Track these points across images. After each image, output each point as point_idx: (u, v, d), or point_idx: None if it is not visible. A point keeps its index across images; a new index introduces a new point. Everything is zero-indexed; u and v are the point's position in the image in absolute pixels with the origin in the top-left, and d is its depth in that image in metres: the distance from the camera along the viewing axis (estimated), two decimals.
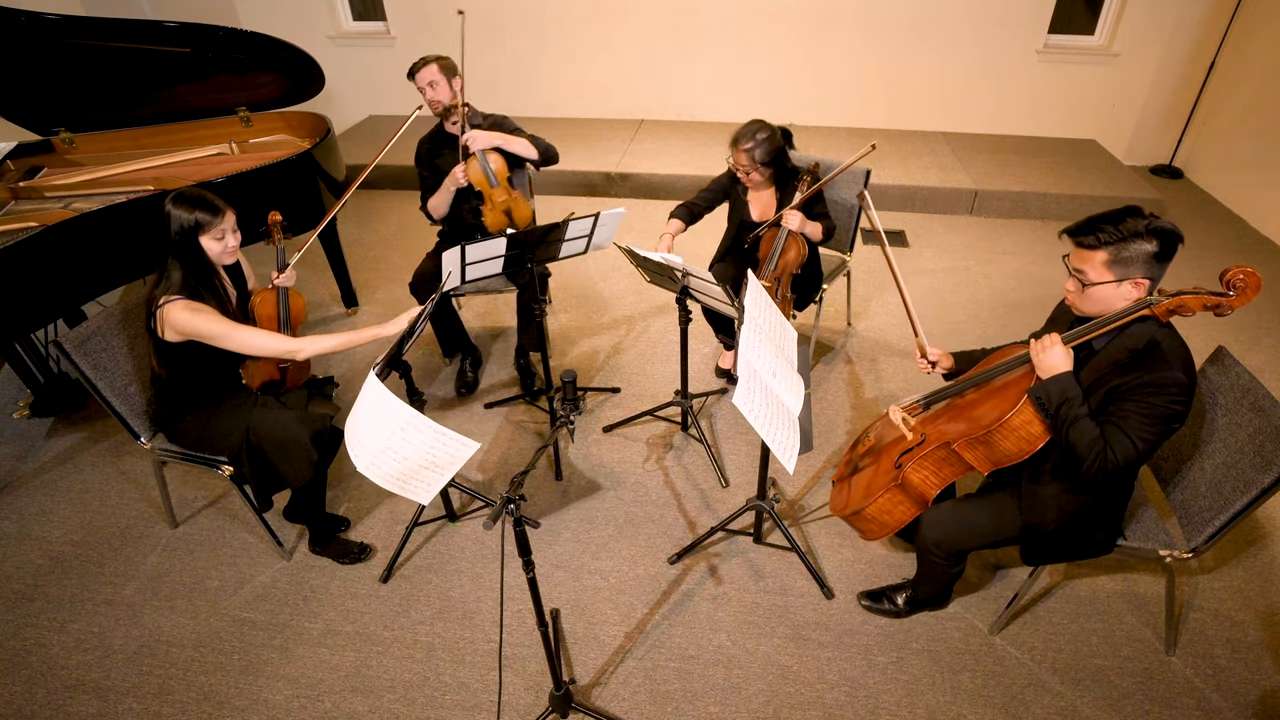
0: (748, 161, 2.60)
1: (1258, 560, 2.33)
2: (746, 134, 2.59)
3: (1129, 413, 1.55)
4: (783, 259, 2.69)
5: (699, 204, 2.89)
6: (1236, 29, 4.77)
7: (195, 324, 1.99)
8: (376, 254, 4.34)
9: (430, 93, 2.79)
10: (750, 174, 2.65)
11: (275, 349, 2.06)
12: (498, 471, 2.74)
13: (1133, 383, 1.54)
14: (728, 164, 2.73)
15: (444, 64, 2.80)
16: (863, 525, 1.99)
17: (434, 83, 2.78)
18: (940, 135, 5.52)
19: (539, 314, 2.60)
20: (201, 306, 2.01)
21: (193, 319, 1.98)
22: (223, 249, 2.08)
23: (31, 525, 2.55)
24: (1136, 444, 1.54)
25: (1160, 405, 1.52)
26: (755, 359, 1.80)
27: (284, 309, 2.36)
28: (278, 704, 1.97)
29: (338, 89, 5.89)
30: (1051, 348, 1.63)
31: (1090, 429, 1.57)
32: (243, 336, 2.04)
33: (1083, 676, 2.00)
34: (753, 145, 2.57)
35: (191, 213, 1.99)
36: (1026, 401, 1.64)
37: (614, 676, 2.02)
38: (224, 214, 2.05)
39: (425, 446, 1.55)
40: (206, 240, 2.03)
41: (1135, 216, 1.53)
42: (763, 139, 2.57)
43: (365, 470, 1.57)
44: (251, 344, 2.04)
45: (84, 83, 3.19)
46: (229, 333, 2.02)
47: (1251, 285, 1.48)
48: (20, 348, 2.86)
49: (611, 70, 5.71)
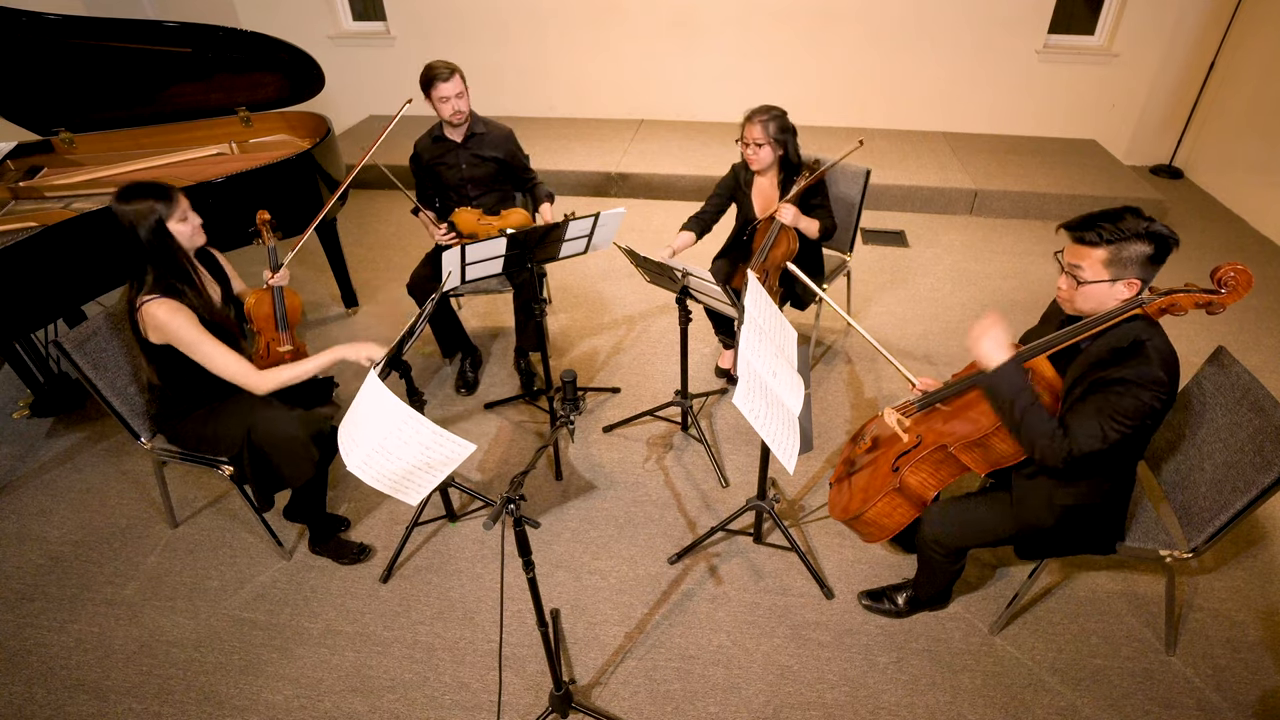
0: (760, 134, 2.60)
1: (1258, 560, 2.33)
2: (760, 109, 2.62)
3: (1103, 403, 1.54)
4: (772, 252, 2.69)
5: (708, 212, 2.90)
6: (1236, 29, 4.77)
7: (172, 327, 1.94)
8: (376, 254, 4.35)
9: (456, 103, 2.77)
10: (761, 148, 2.64)
11: (235, 374, 2.00)
12: (498, 471, 2.74)
13: (1112, 375, 1.54)
14: (737, 146, 2.73)
15: (462, 74, 2.79)
16: (862, 529, 1.99)
17: (461, 93, 2.77)
18: (940, 135, 5.52)
19: (539, 314, 2.60)
20: (180, 307, 1.96)
21: (170, 320, 1.94)
22: (191, 230, 2.02)
23: (31, 525, 2.55)
24: (1106, 433, 1.53)
25: (1135, 400, 1.51)
26: (755, 359, 1.80)
27: (280, 308, 2.36)
28: (278, 704, 1.97)
29: (338, 89, 5.88)
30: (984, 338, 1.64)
31: (1044, 421, 1.57)
32: (208, 350, 1.98)
33: (1083, 676, 2.00)
34: (767, 118, 2.60)
35: (152, 203, 1.93)
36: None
37: (614, 676, 2.02)
38: (177, 195, 1.99)
39: (421, 446, 1.54)
40: (174, 225, 1.97)
41: (1135, 216, 1.53)
42: (776, 114, 2.61)
43: (356, 470, 1.54)
44: (216, 362, 1.99)
45: (84, 83, 3.18)
46: (199, 344, 1.97)
47: (1242, 282, 1.47)
48: (20, 348, 2.86)
49: (612, 70, 5.71)
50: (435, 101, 2.77)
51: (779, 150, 2.67)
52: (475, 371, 3.19)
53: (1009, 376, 1.61)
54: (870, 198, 3.89)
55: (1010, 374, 1.61)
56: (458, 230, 2.85)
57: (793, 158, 2.71)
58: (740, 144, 2.69)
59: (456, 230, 2.85)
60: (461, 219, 2.85)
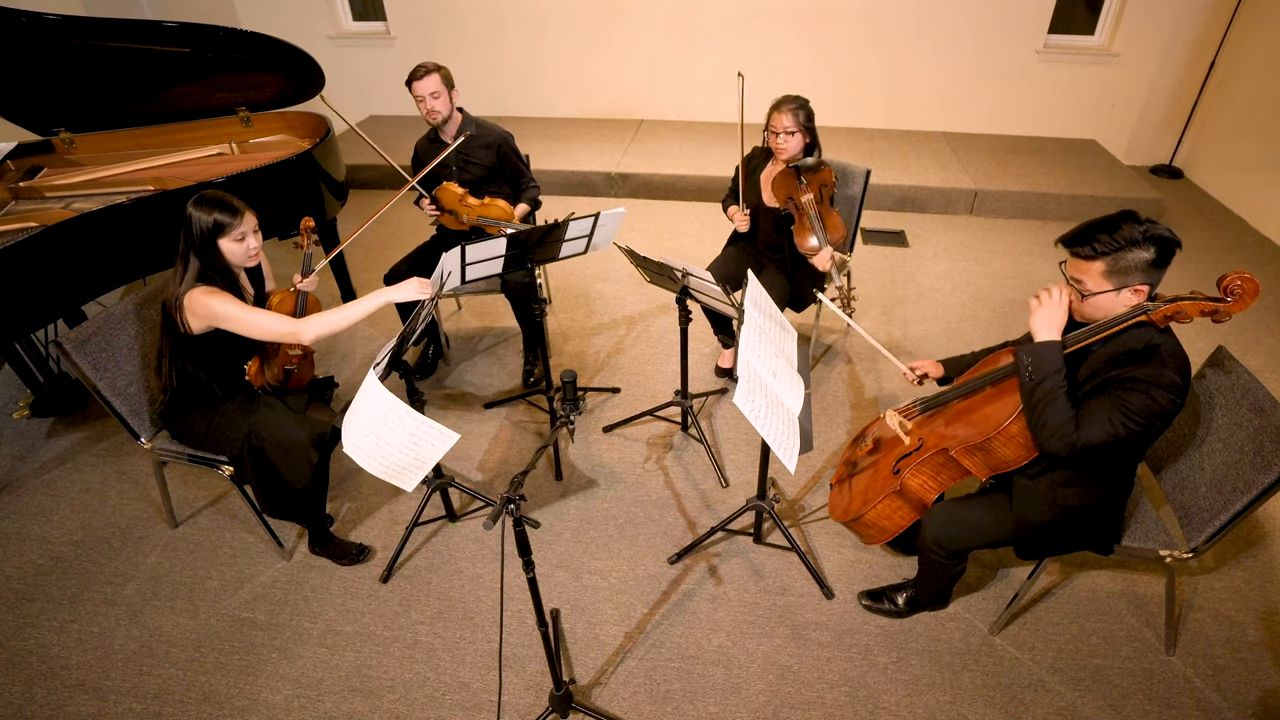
0: (791, 121, 2.62)
1: (1258, 560, 2.33)
2: (787, 98, 2.64)
3: (1115, 398, 1.53)
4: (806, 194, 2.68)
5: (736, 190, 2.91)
6: (1236, 29, 4.77)
7: (215, 305, 2.00)
8: (376, 254, 4.35)
9: (431, 102, 2.79)
10: (793, 136, 2.64)
11: (280, 331, 2.06)
12: (498, 471, 2.74)
13: (1126, 375, 1.53)
14: (764, 137, 2.74)
15: (445, 75, 2.81)
16: (862, 530, 1.99)
17: (436, 93, 2.78)
18: (940, 135, 5.52)
19: (539, 314, 2.60)
20: (216, 289, 2.02)
21: (212, 300, 2.00)
22: (244, 251, 2.07)
23: (31, 525, 2.55)
24: (1115, 428, 1.52)
25: (1149, 399, 1.50)
26: (755, 359, 1.80)
27: (301, 313, 2.37)
28: (278, 704, 1.97)
29: (338, 89, 5.87)
30: (1054, 308, 1.61)
31: (1064, 411, 1.56)
32: (251, 317, 2.04)
33: (1083, 676, 2.00)
34: (795, 106, 2.62)
35: (210, 214, 1.99)
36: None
37: (614, 676, 2.02)
38: (243, 215, 2.04)
39: (406, 434, 1.62)
40: (226, 243, 2.03)
41: (1131, 222, 1.50)
42: (803, 101, 2.64)
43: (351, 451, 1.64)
44: (261, 324, 2.04)
45: (84, 83, 3.18)
46: (242, 315, 2.03)
47: (1249, 291, 1.47)
48: (20, 348, 2.86)
49: (611, 70, 5.71)
50: (415, 100, 2.82)
51: (807, 138, 2.68)
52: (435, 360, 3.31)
53: (1049, 354, 1.59)
54: (870, 198, 3.89)
55: (1052, 352, 1.59)
56: (439, 204, 2.90)
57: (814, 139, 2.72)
58: (769, 134, 2.70)
59: (438, 204, 2.90)
60: (445, 194, 2.89)
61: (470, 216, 2.86)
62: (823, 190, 2.71)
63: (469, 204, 2.87)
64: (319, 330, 2.07)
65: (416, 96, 2.79)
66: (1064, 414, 1.56)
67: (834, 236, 2.67)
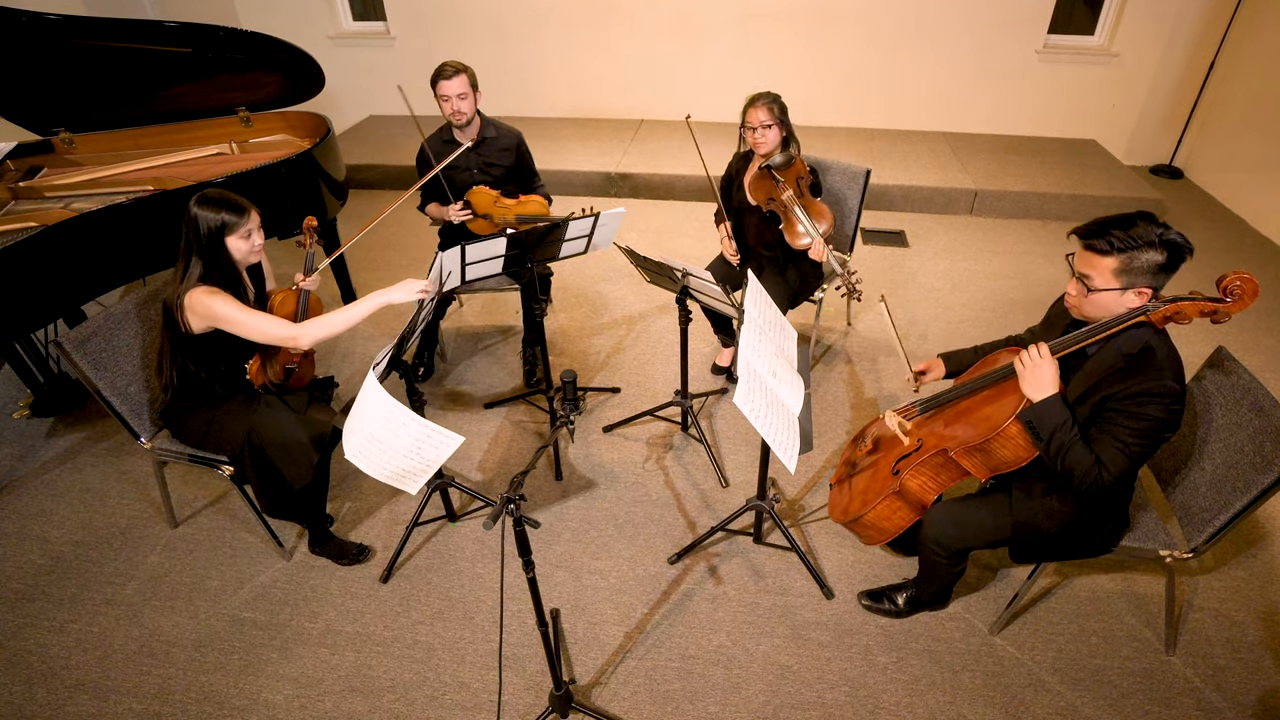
0: (767, 115, 2.62)
1: (1258, 560, 2.33)
2: (759, 94, 2.65)
3: (1121, 425, 1.54)
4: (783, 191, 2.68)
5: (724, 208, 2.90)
6: (1236, 29, 4.77)
7: (216, 306, 2.00)
8: (376, 254, 4.35)
9: (457, 103, 2.76)
10: (770, 129, 2.65)
11: (279, 334, 2.06)
12: (498, 471, 2.74)
13: (1124, 392, 1.53)
14: (741, 134, 2.74)
15: (471, 75, 2.77)
16: (862, 531, 1.99)
17: (464, 94, 2.75)
18: (940, 135, 5.52)
19: (539, 314, 2.60)
20: (217, 290, 2.03)
21: (213, 300, 2.00)
22: (249, 248, 2.08)
23: (31, 525, 2.55)
24: (1130, 456, 1.53)
25: (1152, 415, 1.51)
26: (755, 359, 1.80)
27: (303, 312, 2.37)
28: (278, 704, 1.97)
29: (338, 89, 5.88)
30: (1038, 368, 1.59)
31: (1085, 455, 1.56)
32: (251, 320, 2.04)
33: (1083, 676, 2.00)
34: (770, 100, 2.63)
35: (218, 213, 1.99)
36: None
37: (614, 676, 2.02)
38: (248, 213, 2.05)
39: (411, 439, 1.62)
40: (233, 240, 2.04)
41: (1148, 223, 1.49)
42: (776, 96, 2.66)
43: (354, 458, 1.64)
44: (260, 327, 2.05)
45: (84, 83, 3.18)
46: (240, 317, 2.03)
47: (1249, 292, 1.47)
48: (20, 348, 2.86)
49: (612, 70, 5.71)
50: (438, 99, 2.77)
51: (783, 131, 2.68)
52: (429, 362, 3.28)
53: (1051, 410, 1.58)
54: (870, 198, 3.89)
55: (1056, 408, 1.58)
56: (473, 209, 2.85)
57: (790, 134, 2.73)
58: (746, 131, 2.70)
59: (472, 209, 2.86)
60: (478, 198, 2.84)
61: (508, 217, 2.83)
62: (800, 183, 2.71)
63: (504, 204, 2.86)
64: (318, 334, 2.07)
65: (442, 96, 2.75)
66: (1086, 458, 1.56)
67: (821, 225, 2.66)
